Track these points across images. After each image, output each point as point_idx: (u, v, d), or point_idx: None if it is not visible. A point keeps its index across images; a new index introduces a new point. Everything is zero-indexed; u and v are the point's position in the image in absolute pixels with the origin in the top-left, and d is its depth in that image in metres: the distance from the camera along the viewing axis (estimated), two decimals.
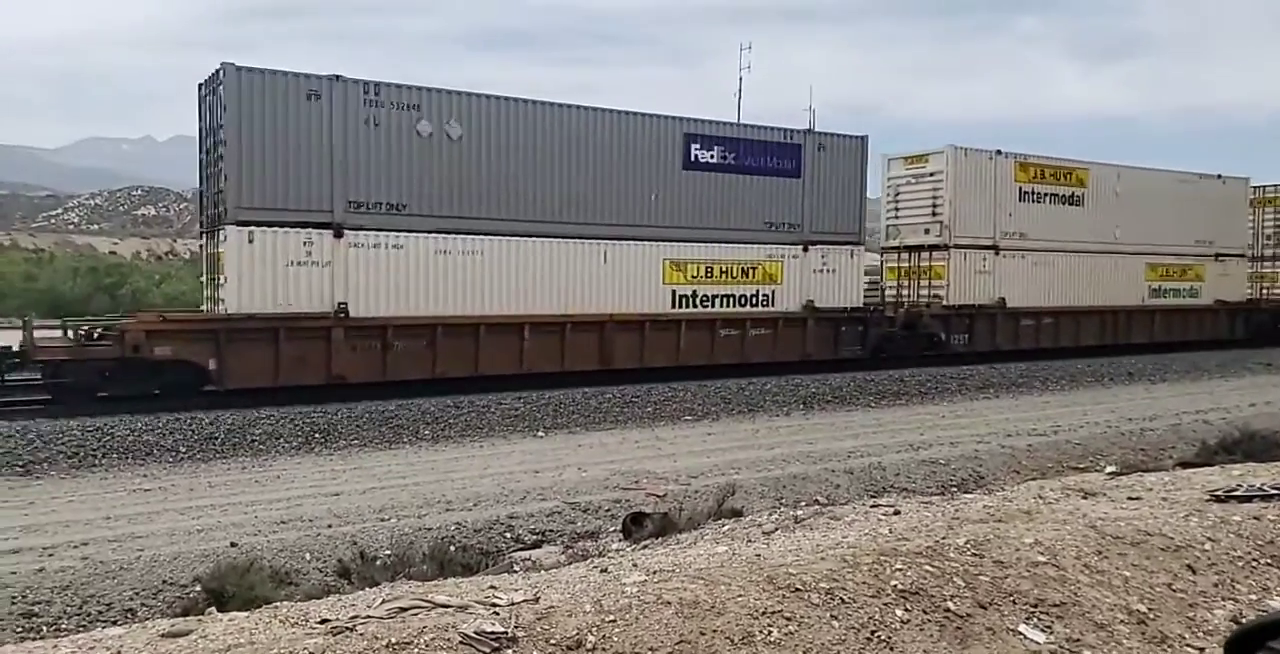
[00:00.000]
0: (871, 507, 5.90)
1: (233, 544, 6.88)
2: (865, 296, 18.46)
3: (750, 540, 5.02)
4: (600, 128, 15.01)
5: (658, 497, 8.35)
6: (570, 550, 6.78)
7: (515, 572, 5.42)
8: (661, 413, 13.23)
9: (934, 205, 19.42)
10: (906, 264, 19.97)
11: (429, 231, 13.41)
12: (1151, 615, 4.10)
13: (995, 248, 19.70)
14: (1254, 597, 4.46)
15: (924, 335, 18.95)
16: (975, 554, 4.25)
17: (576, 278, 14.79)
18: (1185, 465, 8.95)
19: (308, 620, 3.39)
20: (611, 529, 7.51)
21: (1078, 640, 3.81)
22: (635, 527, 6.82)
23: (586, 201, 14.86)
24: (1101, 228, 21.25)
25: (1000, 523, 4.88)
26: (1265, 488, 5.77)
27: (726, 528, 5.96)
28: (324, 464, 10.03)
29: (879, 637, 3.52)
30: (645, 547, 5.87)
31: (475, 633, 3.16)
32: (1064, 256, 20.71)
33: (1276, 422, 12.64)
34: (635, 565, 4.17)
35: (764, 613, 3.48)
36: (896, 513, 5.43)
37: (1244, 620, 4.10)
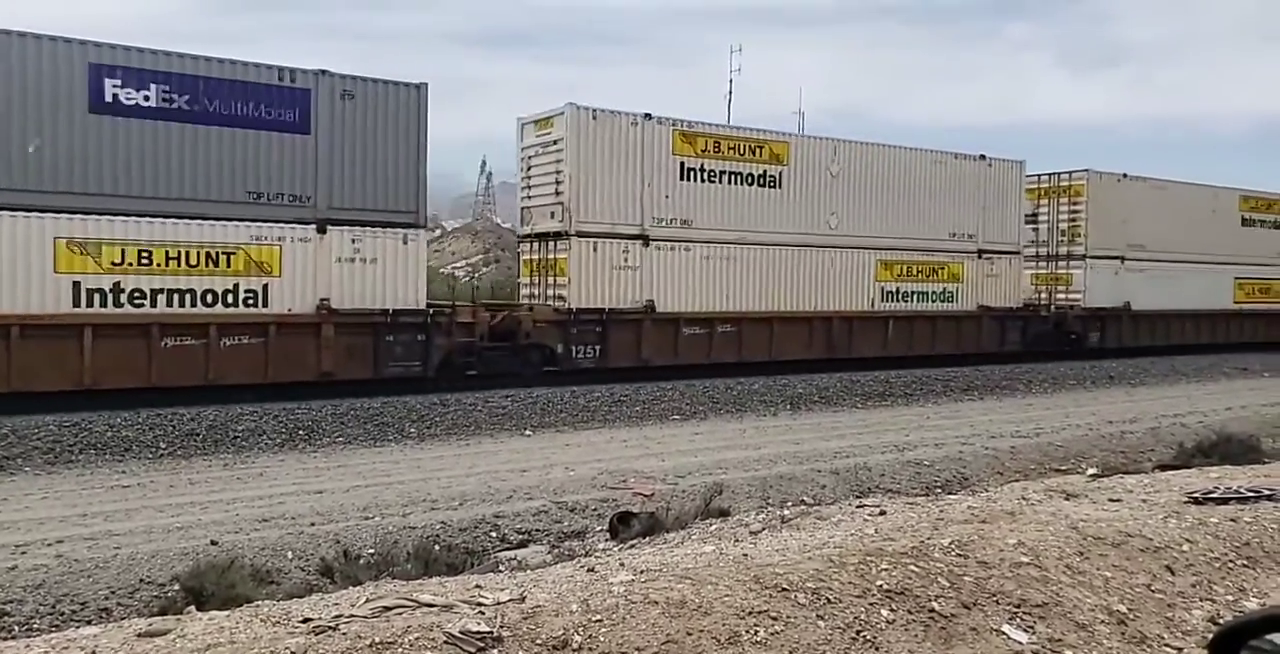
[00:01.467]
0: (857, 507, 5.91)
1: (213, 542, 6.81)
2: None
3: (737, 540, 5.03)
4: None
5: (645, 496, 8.34)
6: (557, 550, 6.77)
7: (501, 571, 5.40)
8: (650, 412, 13.23)
9: (557, 182, 15.23)
10: (538, 256, 15.89)
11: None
12: (1131, 616, 4.13)
13: (643, 238, 15.47)
14: (1231, 597, 4.51)
15: (534, 349, 14.75)
16: (959, 555, 4.28)
17: None
18: (1164, 468, 9.03)
19: (289, 619, 3.36)
20: (598, 528, 7.50)
21: (1059, 640, 3.84)
22: (622, 526, 6.81)
23: None
24: (809, 216, 17.32)
25: (984, 524, 4.91)
26: (1241, 490, 5.83)
27: (714, 528, 5.96)
28: (307, 462, 9.95)
29: (865, 636, 3.53)
30: (632, 546, 5.86)
31: (460, 632, 3.14)
32: (751, 250, 16.57)
33: (1251, 425, 12.80)
34: (622, 565, 4.17)
35: (750, 613, 3.48)
36: (882, 513, 5.44)
37: (1221, 621, 4.14)
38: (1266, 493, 5.77)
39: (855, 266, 18.12)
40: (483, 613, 3.32)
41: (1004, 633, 3.78)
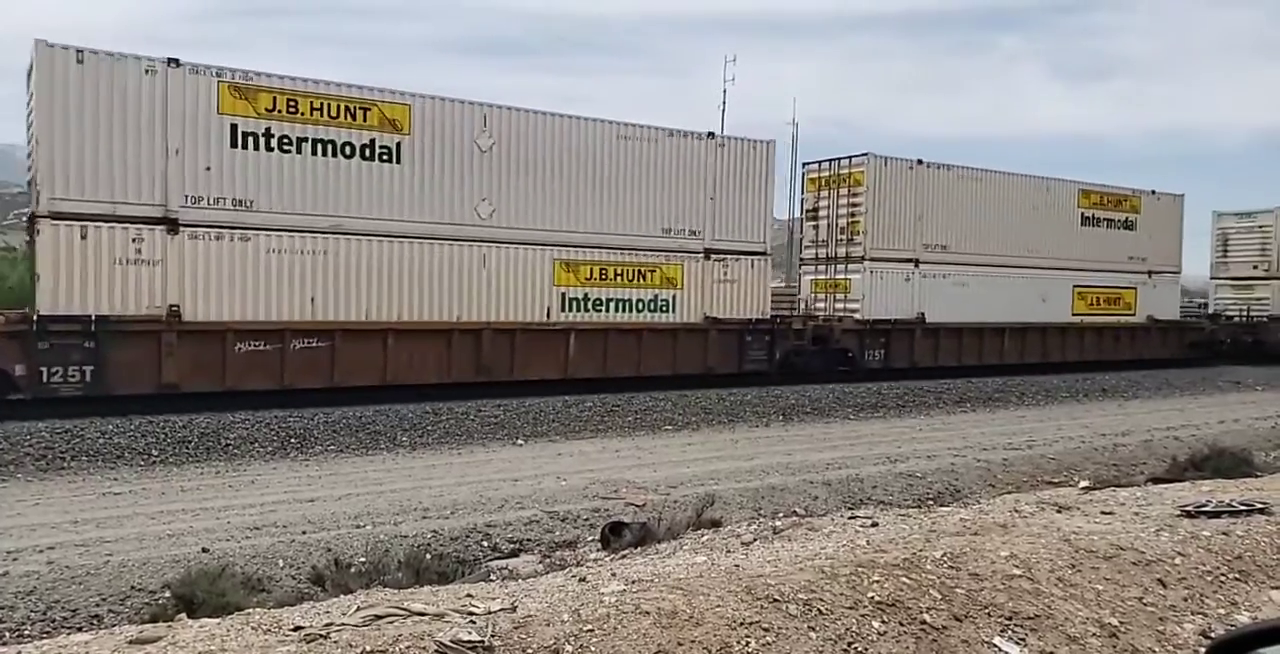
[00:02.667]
0: (849, 518, 5.92)
1: (204, 550, 6.78)
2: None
3: (729, 551, 5.03)
4: None
5: (637, 506, 8.33)
6: (548, 559, 6.75)
7: (492, 580, 5.38)
8: (642, 422, 13.22)
9: (35, 144, 11.61)
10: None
11: None
12: (1123, 629, 4.14)
13: (168, 222, 11.88)
14: (1222, 611, 4.53)
15: None
16: (951, 567, 4.28)
17: None
18: (1157, 481, 9.06)
19: (280, 627, 3.35)
20: (590, 538, 7.48)
21: (1051, 653, 3.84)
22: (614, 536, 6.80)
23: None
24: (446, 201, 13.74)
25: (976, 536, 4.92)
26: (1234, 504, 5.86)
27: (705, 538, 5.95)
28: (299, 470, 9.92)
29: (856, 648, 3.53)
30: (624, 556, 5.85)
31: (452, 641, 3.13)
32: (352, 243, 13.06)
33: (1244, 439, 12.84)
34: (614, 575, 4.16)
35: (742, 623, 3.48)
36: (874, 525, 5.45)
37: (1213, 635, 4.15)
38: (1259, 506, 5.79)
39: (521, 267, 14.41)
40: (474, 622, 3.32)
41: (995, 645, 3.78)
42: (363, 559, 6.58)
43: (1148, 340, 23.27)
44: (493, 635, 3.22)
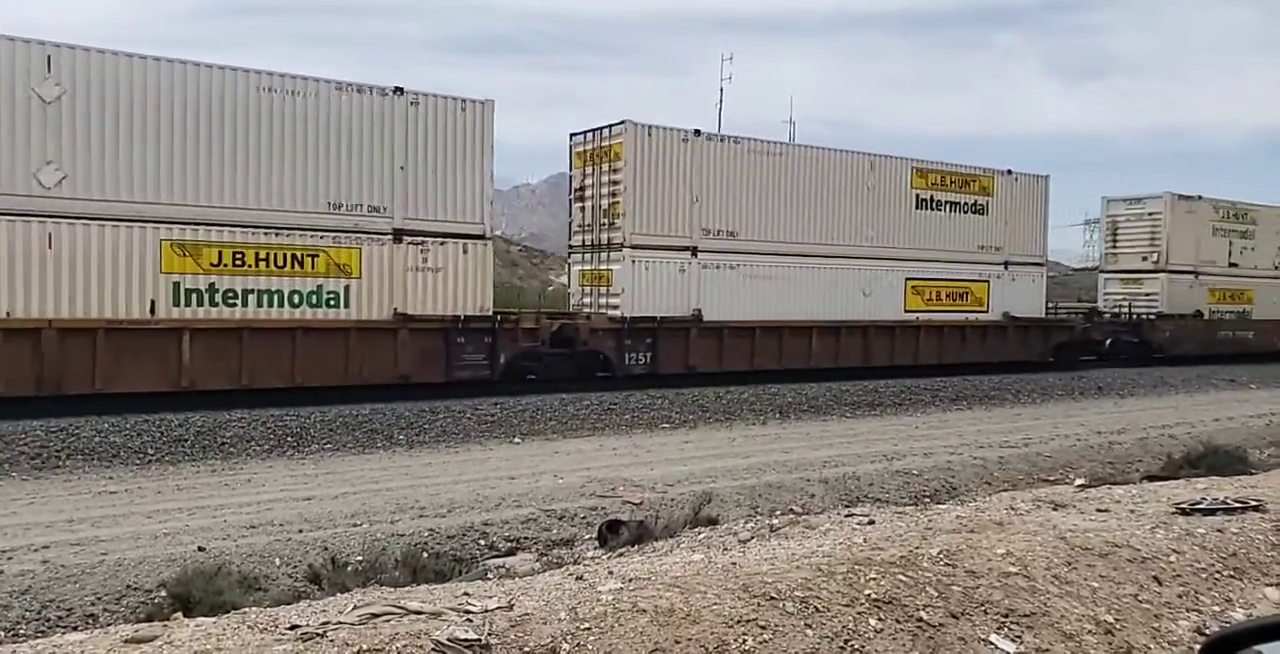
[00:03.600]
0: (846, 516, 5.93)
1: (200, 548, 6.77)
2: None
3: (726, 549, 5.03)
4: None
5: (634, 504, 8.34)
6: (545, 558, 6.76)
7: (489, 579, 5.39)
8: (639, 420, 13.23)
9: None
10: None
11: None
12: (1118, 626, 4.15)
13: None
14: (1217, 608, 4.54)
15: None
16: (948, 564, 4.29)
17: None
18: (1152, 479, 9.10)
19: (277, 626, 3.35)
20: (587, 537, 7.49)
21: (1046, 650, 3.85)
22: (611, 534, 6.81)
23: None
24: None
25: (972, 533, 4.93)
26: (1228, 501, 5.88)
27: (703, 536, 5.96)
28: (295, 468, 9.91)
29: (852, 646, 3.53)
30: (621, 554, 5.86)
31: (449, 640, 3.13)
32: None
33: (1239, 437, 12.88)
34: (611, 573, 4.16)
35: (739, 621, 3.48)
36: (871, 523, 5.46)
37: (1208, 631, 4.17)
38: (1253, 504, 5.81)
39: (108, 250, 11.44)
40: (471, 620, 3.32)
41: (992, 643, 3.79)
42: (359, 558, 6.58)
43: (1003, 341, 20.24)
44: (490, 634, 3.21)
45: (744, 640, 3.39)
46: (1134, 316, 24.09)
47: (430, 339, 13.56)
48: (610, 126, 15.92)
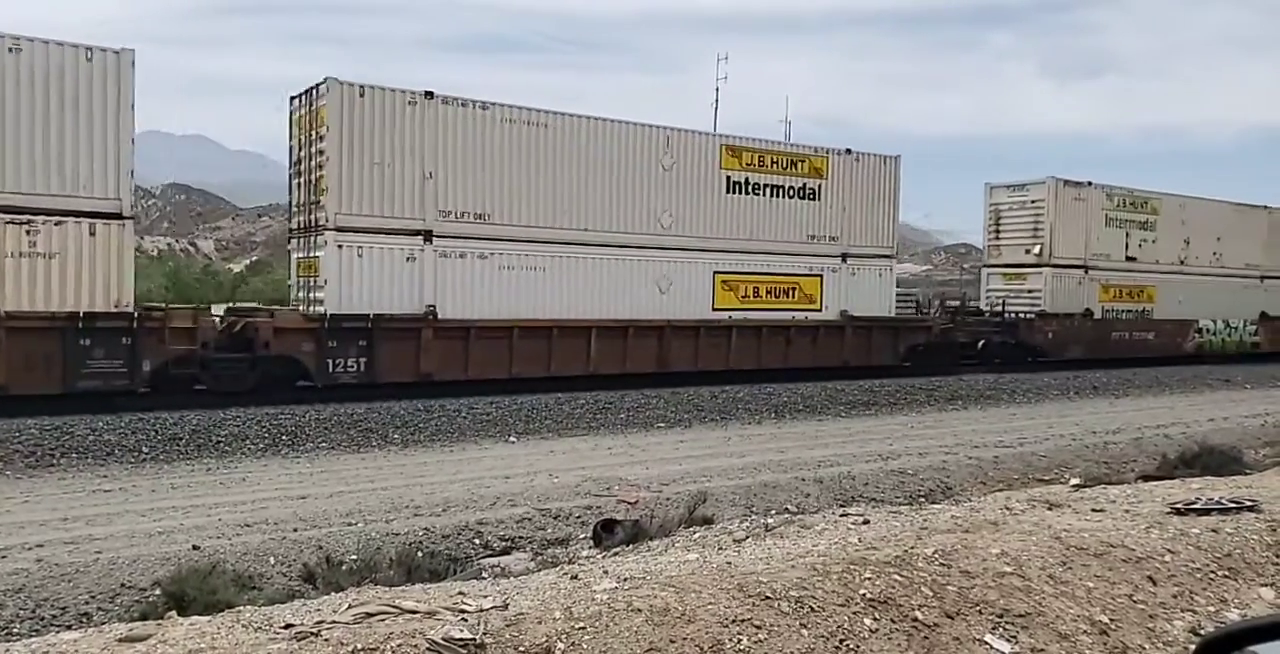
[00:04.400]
0: (841, 516, 5.93)
1: (195, 547, 6.75)
2: None
3: (721, 548, 5.03)
4: None
5: (629, 504, 8.33)
6: (540, 557, 6.75)
7: (484, 578, 5.38)
8: (635, 420, 13.23)
9: None
10: None
11: None
12: (1113, 626, 4.16)
13: None
14: (1212, 608, 4.55)
15: None
16: (943, 564, 4.29)
17: None
18: (1147, 479, 9.11)
19: (271, 625, 3.34)
20: (582, 536, 7.48)
21: (1042, 650, 3.86)
22: (606, 534, 6.80)
23: None
24: None
25: (967, 533, 4.93)
26: (1223, 501, 5.89)
27: (698, 535, 5.96)
28: (290, 467, 9.89)
29: (847, 645, 3.53)
30: (616, 554, 5.85)
31: (443, 639, 3.12)
32: None
33: (1234, 437, 12.92)
34: (606, 572, 4.16)
35: (734, 621, 3.48)
36: (866, 522, 5.46)
37: (1202, 631, 4.17)
38: (1248, 504, 5.82)
39: None
40: (466, 620, 3.31)
41: (987, 643, 3.79)
42: (354, 557, 6.56)
43: (839, 343, 17.91)
44: (485, 633, 3.21)
45: (739, 640, 3.38)
46: (1011, 315, 21.86)
47: (39, 341, 11.06)
48: (317, 86, 13.49)
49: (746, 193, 16.97)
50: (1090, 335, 22.17)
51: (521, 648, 3.17)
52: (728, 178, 16.78)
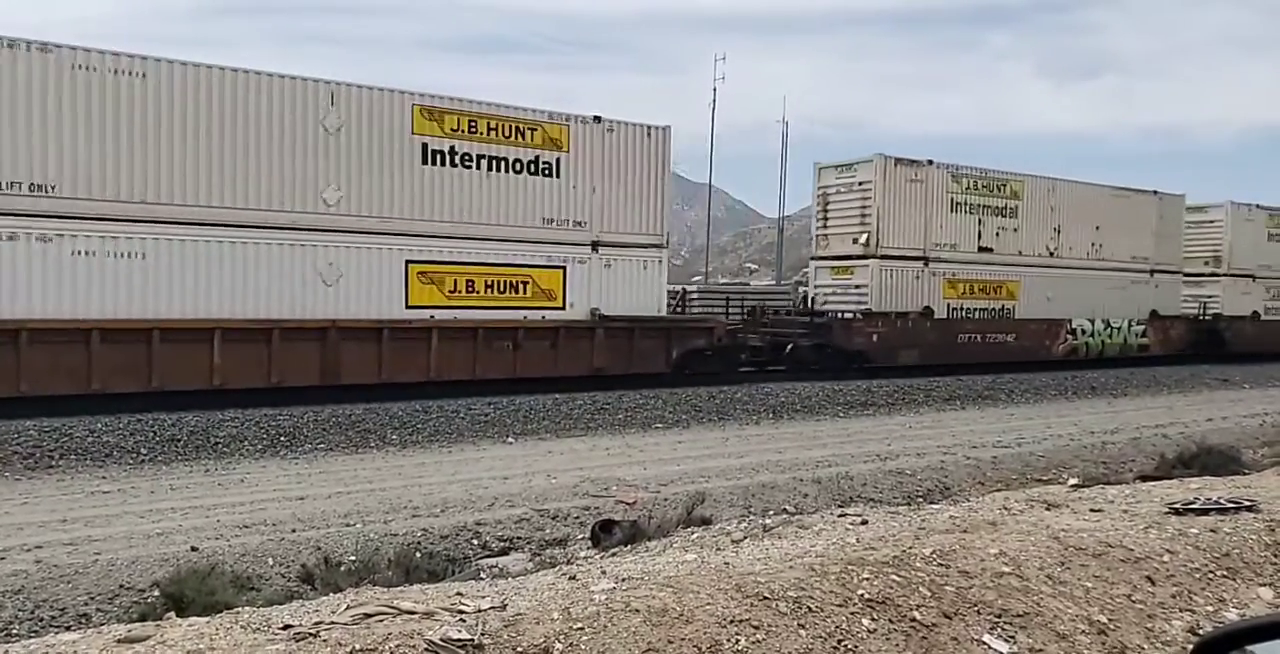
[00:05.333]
0: (839, 516, 5.93)
1: (193, 548, 6.75)
2: None
3: (719, 548, 5.03)
4: None
5: (627, 504, 8.33)
6: (538, 558, 6.75)
7: (482, 579, 5.38)
8: (632, 420, 13.23)
9: None
10: None
11: None
12: (1112, 626, 4.16)
13: None
14: (1210, 608, 4.55)
15: None
16: (941, 564, 4.30)
17: None
18: (1145, 479, 9.11)
19: (270, 626, 3.34)
20: (580, 536, 7.48)
21: (1040, 650, 3.86)
22: (604, 534, 6.80)
23: None
24: None
25: (965, 533, 4.93)
26: (1221, 501, 5.89)
27: (696, 536, 5.96)
28: (289, 468, 9.89)
29: (845, 646, 3.53)
30: (614, 554, 5.85)
31: (441, 640, 3.12)
32: None
33: (1232, 436, 12.92)
34: (604, 573, 4.16)
35: (732, 621, 3.48)
36: (864, 522, 5.46)
37: (1201, 631, 4.18)
38: (1246, 504, 5.83)
39: None
40: (464, 620, 3.31)
41: (985, 643, 3.80)
42: (353, 558, 6.57)
43: (589, 348, 15.06)
44: (483, 634, 3.21)
45: (737, 640, 3.39)
46: (826, 315, 19.25)
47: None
48: None
49: (453, 165, 13.81)
50: (930, 338, 19.26)
51: (519, 648, 3.17)
52: (424, 146, 13.59)
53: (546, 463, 10.28)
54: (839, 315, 19.18)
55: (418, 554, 6.64)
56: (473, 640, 3.15)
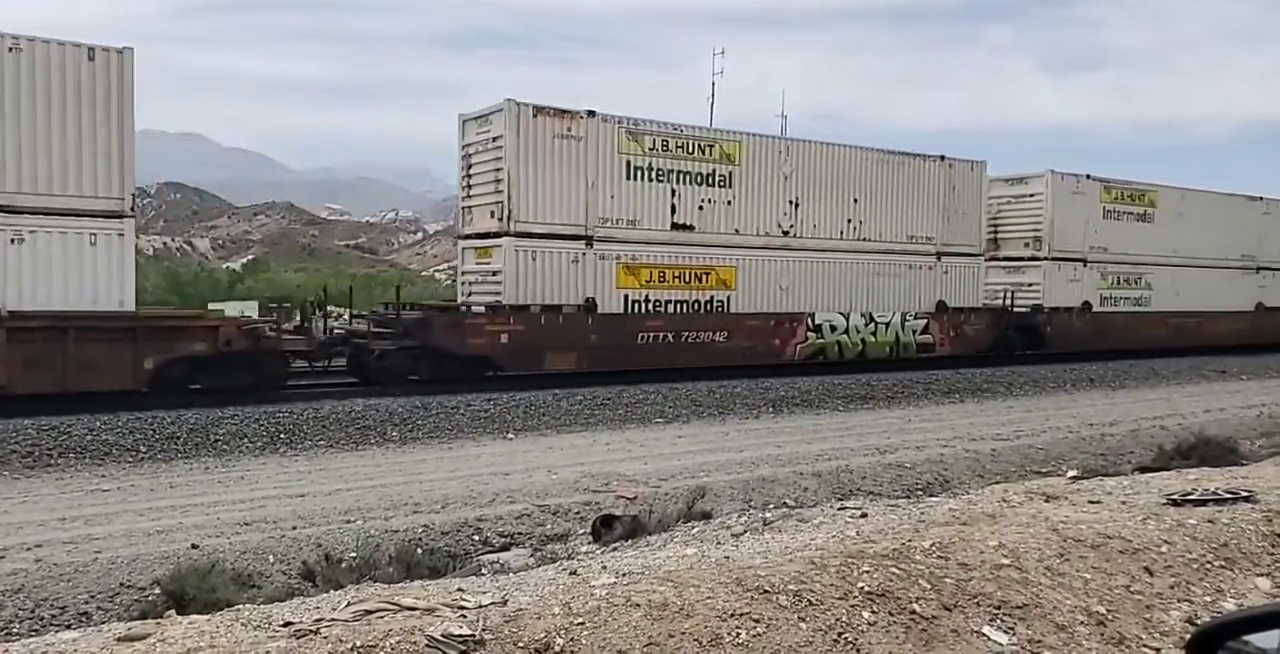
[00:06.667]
0: (839, 509, 5.94)
1: (194, 546, 6.76)
2: None
3: (719, 543, 5.04)
4: None
5: (628, 499, 8.34)
6: (539, 553, 6.75)
7: (483, 574, 5.39)
8: (632, 415, 13.23)
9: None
10: None
11: None
12: (1110, 617, 4.17)
13: None
14: (1209, 598, 4.56)
15: None
16: (940, 557, 4.30)
17: None
18: (1143, 470, 9.13)
19: (270, 623, 3.34)
20: (581, 532, 7.49)
21: (1039, 642, 3.87)
22: (605, 529, 6.81)
23: None
24: None
25: (965, 526, 4.94)
26: (1219, 492, 5.90)
27: (696, 530, 5.97)
28: (289, 465, 9.89)
29: (846, 638, 3.54)
30: (615, 549, 5.86)
31: (442, 636, 3.13)
32: None
33: (1230, 428, 12.94)
34: (604, 568, 4.17)
35: (732, 615, 3.49)
36: (864, 516, 5.47)
37: (1199, 622, 4.19)
38: (1244, 495, 5.84)
39: None
40: (465, 616, 3.32)
41: (984, 634, 3.81)
42: (353, 554, 6.57)
43: None
44: (484, 629, 3.21)
45: (737, 634, 3.39)
46: (428, 310, 15.62)
47: None
48: None
49: None
50: (593, 339, 15.01)
51: (520, 644, 3.18)
52: None
53: (547, 458, 10.28)
54: (464, 309, 15.20)
55: (418, 550, 6.64)
56: (474, 636, 3.15)
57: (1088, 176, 22.27)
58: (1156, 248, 23.24)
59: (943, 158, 19.51)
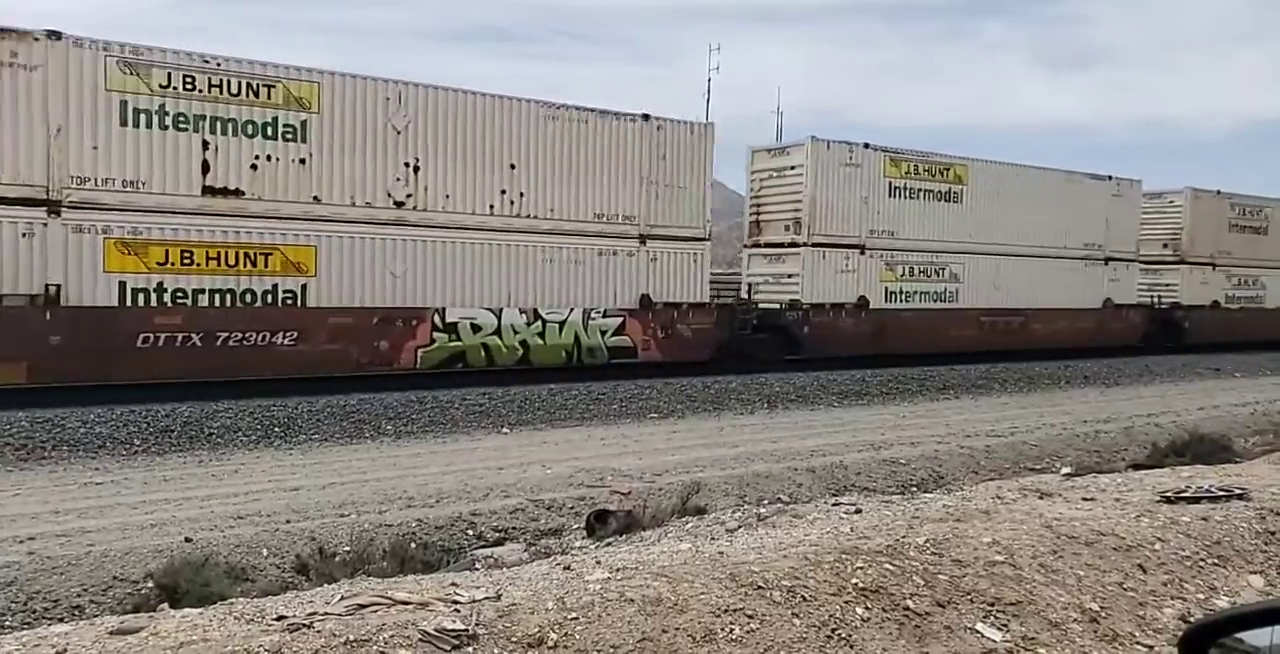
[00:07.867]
0: (833, 505, 5.95)
1: (187, 539, 6.74)
2: None
3: (714, 538, 5.04)
4: None
5: (622, 494, 8.35)
6: (533, 548, 6.76)
7: (477, 569, 5.39)
8: (627, 410, 13.23)
9: None
10: None
11: None
12: (1104, 614, 4.18)
13: None
14: (1202, 595, 4.58)
15: None
16: (934, 553, 4.31)
17: None
18: (1137, 467, 9.16)
19: (264, 617, 3.33)
20: (575, 527, 7.49)
21: (1033, 639, 3.88)
22: (599, 524, 6.81)
23: None
24: None
25: (959, 522, 4.95)
26: (1213, 489, 5.92)
27: (690, 525, 5.97)
28: (283, 458, 9.88)
29: (839, 635, 3.55)
30: (609, 544, 5.87)
31: (435, 630, 3.13)
32: None
33: (1224, 425, 12.99)
34: (598, 563, 4.17)
35: (726, 610, 3.49)
36: (858, 512, 5.48)
37: (1192, 619, 4.20)
38: (1237, 492, 5.86)
39: None
40: (458, 611, 3.31)
41: (978, 631, 3.81)
42: (347, 548, 6.57)
43: None
44: (477, 624, 3.21)
45: (731, 629, 3.40)
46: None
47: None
48: None
49: None
50: (60, 341, 11.13)
51: (514, 638, 3.17)
52: None
53: (541, 453, 10.28)
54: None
55: (412, 545, 6.64)
56: (467, 631, 3.15)
57: (865, 145, 18.22)
58: (966, 233, 19.50)
59: (647, 117, 15.54)
